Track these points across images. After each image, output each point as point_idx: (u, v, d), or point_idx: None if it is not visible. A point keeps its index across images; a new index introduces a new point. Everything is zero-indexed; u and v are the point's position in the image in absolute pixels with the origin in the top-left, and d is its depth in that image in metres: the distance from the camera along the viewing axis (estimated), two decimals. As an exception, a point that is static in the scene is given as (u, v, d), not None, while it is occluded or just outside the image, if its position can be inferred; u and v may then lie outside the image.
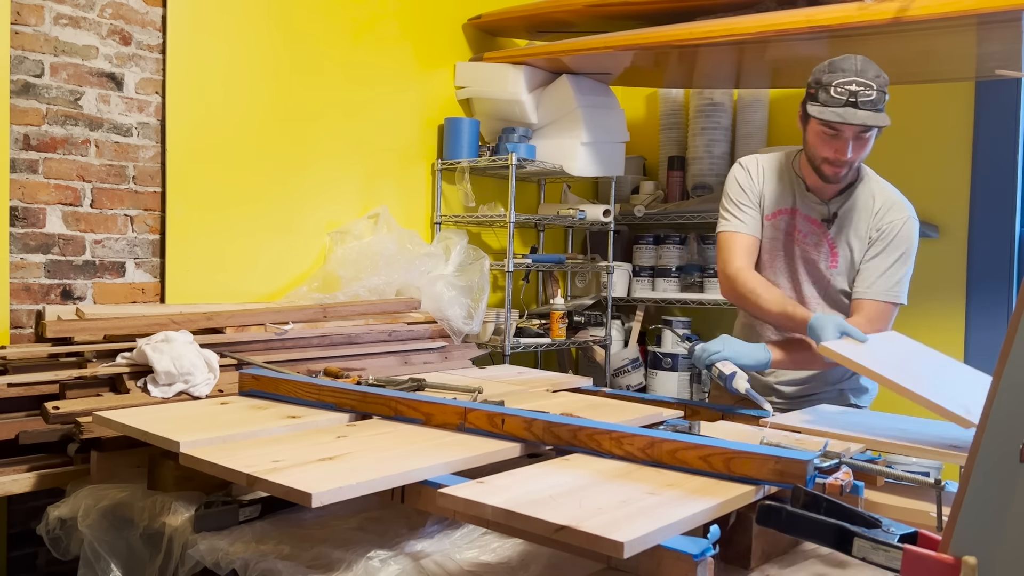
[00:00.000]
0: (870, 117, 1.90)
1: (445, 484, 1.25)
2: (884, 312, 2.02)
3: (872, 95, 1.90)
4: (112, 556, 1.62)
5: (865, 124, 1.91)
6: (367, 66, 3.12)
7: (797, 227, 2.13)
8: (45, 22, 2.34)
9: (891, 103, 3.29)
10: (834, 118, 1.91)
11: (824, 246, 2.10)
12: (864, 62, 1.94)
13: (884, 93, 1.92)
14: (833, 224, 2.09)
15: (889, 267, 2.03)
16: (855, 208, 2.08)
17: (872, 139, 1.99)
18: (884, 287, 2.03)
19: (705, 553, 1.03)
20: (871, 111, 1.91)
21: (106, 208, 2.48)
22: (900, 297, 2.04)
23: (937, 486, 1.29)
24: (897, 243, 2.04)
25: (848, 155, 1.98)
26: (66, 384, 1.93)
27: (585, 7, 3.03)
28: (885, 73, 1.94)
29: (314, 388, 1.84)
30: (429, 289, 2.82)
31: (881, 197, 2.08)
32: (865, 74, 1.91)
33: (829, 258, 2.10)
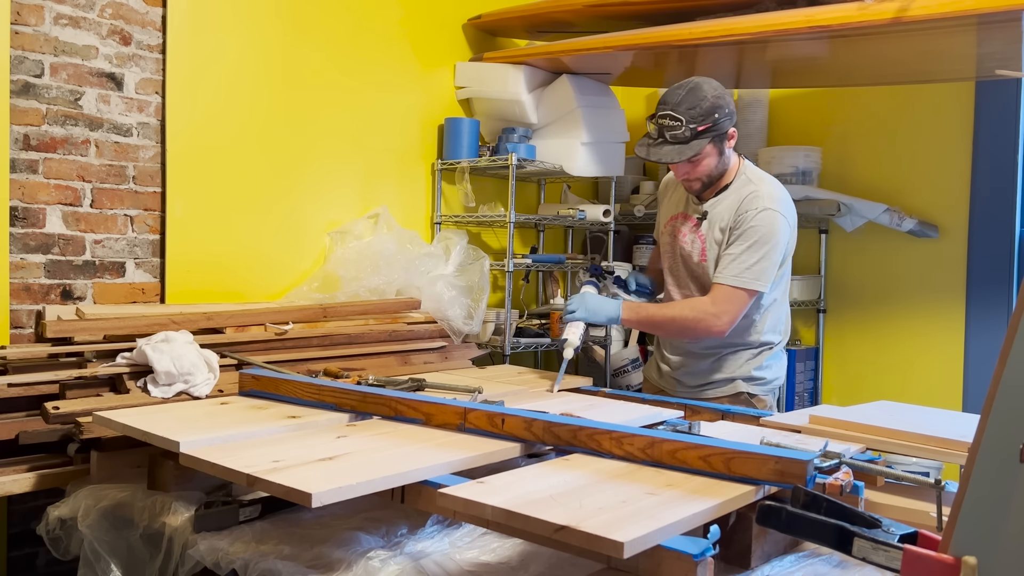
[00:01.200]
0: (669, 153, 2.08)
1: (445, 484, 1.25)
2: (731, 296, 2.11)
3: (679, 131, 2.06)
4: (112, 556, 1.62)
5: (660, 161, 2.11)
6: (367, 66, 3.12)
7: (679, 228, 2.31)
8: (45, 22, 2.34)
9: (891, 103, 3.32)
10: (642, 154, 2.15)
11: (697, 242, 2.24)
12: (689, 92, 2.09)
13: (696, 124, 2.06)
14: (704, 221, 2.22)
15: (740, 254, 2.11)
16: (722, 205, 2.20)
17: (708, 157, 2.12)
18: (733, 272, 2.11)
19: (705, 553, 1.03)
20: (676, 145, 2.08)
21: (106, 208, 2.48)
22: (750, 283, 2.11)
23: (937, 486, 1.29)
24: (749, 232, 2.11)
25: (680, 176, 2.19)
26: (66, 384, 1.93)
27: (585, 7, 3.03)
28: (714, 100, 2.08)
29: (314, 388, 1.84)
30: (429, 289, 2.82)
31: (745, 192, 2.18)
32: (679, 108, 2.07)
33: (700, 253, 2.23)
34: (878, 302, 3.36)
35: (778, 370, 2.32)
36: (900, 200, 3.27)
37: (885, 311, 3.35)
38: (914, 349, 3.27)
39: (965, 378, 3.16)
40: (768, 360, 2.27)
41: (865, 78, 3.22)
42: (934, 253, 3.24)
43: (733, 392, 2.26)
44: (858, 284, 3.42)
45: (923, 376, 3.23)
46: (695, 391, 2.29)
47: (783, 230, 2.14)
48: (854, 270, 3.42)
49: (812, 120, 3.50)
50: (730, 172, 2.21)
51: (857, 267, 3.42)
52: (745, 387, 2.26)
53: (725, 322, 2.11)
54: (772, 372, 2.29)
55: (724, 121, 2.09)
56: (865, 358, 3.39)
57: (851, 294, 3.43)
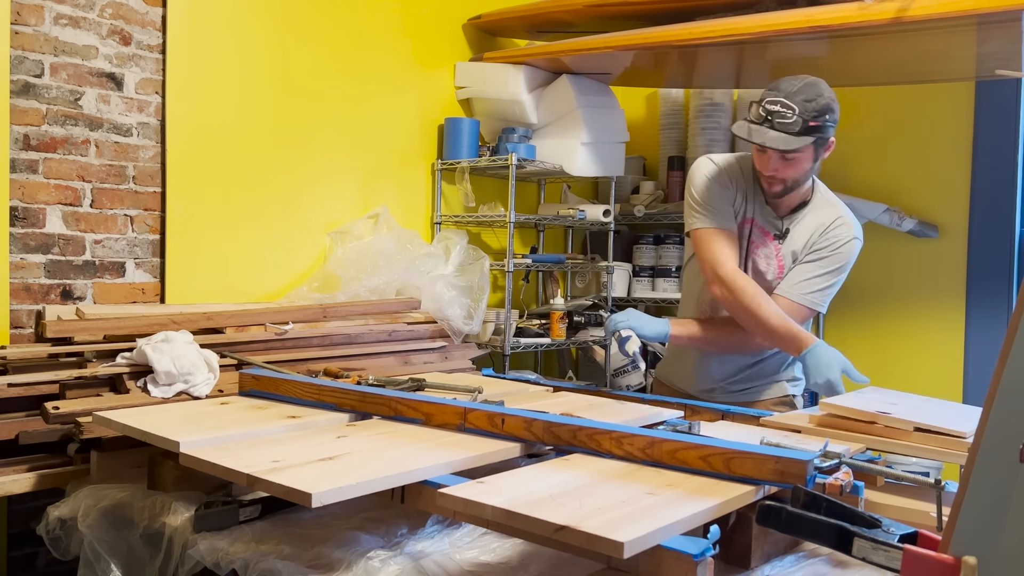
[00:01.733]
0: (775, 139, 1.93)
1: (445, 484, 1.25)
2: (796, 312, 2.08)
3: (790, 119, 1.92)
4: (112, 556, 1.62)
5: (764, 144, 1.94)
6: (367, 66, 3.12)
7: (753, 237, 2.17)
8: (45, 22, 2.34)
9: (891, 103, 3.32)
10: (741, 132, 1.98)
11: (774, 260, 2.16)
12: (807, 86, 1.97)
13: (808, 118, 1.93)
14: (784, 240, 2.14)
15: (817, 274, 2.09)
16: (804, 226, 2.13)
17: (804, 160, 2.00)
18: (804, 290, 2.09)
19: (705, 553, 1.03)
20: (783, 133, 1.93)
21: (106, 208, 2.48)
22: (818, 305, 2.10)
23: (937, 486, 1.29)
24: (834, 257, 2.10)
25: (769, 171, 2.02)
26: (66, 384, 1.93)
27: (585, 7, 3.03)
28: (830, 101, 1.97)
29: (314, 388, 1.84)
30: (429, 289, 2.82)
31: (832, 216, 2.13)
32: (794, 97, 1.94)
33: (777, 271, 2.16)
34: (878, 302, 3.36)
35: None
36: (900, 200, 3.27)
37: (885, 311, 3.35)
38: (914, 349, 3.27)
39: (965, 378, 3.16)
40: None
41: (865, 78, 3.22)
42: (934, 253, 3.24)
43: (781, 394, 2.25)
44: (858, 284, 3.42)
45: (923, 376, 3.23)
46: (739, 395, 2.24)
47: (855, 257, 2.15)
48: (854, 270, 3.40)
49: (812, 120, 3.50)
50: (809, 190, 2.14)
51: (857, 267, 3.39)
52: (790, 388, 2.26)
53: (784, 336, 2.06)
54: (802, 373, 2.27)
55: (831, 127, 2.00)
56: (865, 358, 3.37)
57: (851, 294, 3.42)
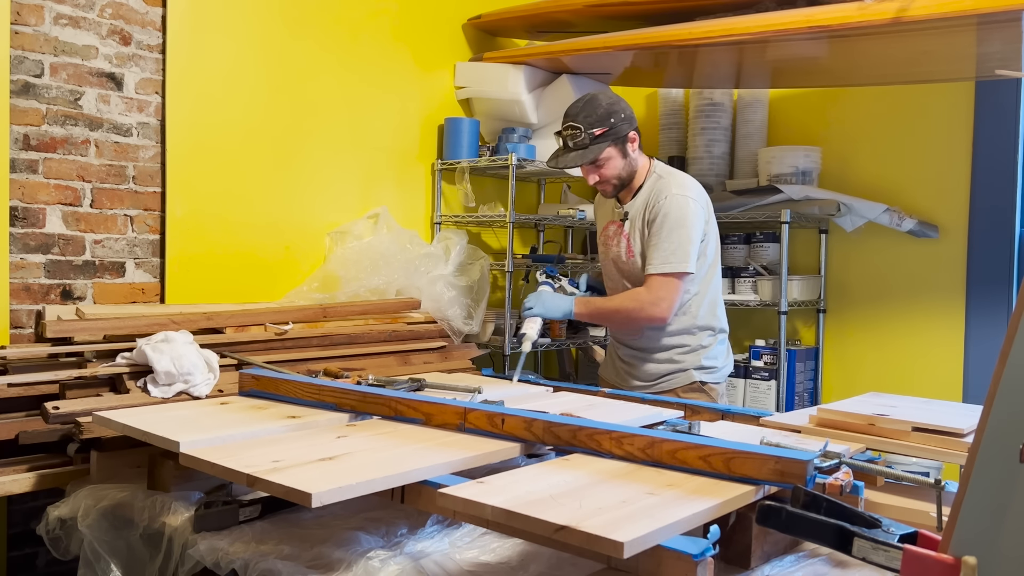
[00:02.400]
0: (573, 159, 2.25)
1: (445, 484, 1.25)
2: (663, 283, 2.25)
3: (580, 137, 2.23)
4: (112, 556, 1.62)
5: (565, 167, 2.28)
6: (367, 66, 3.12)
7: (608, 234, 2.46)
8: (45, 22, 2.34)
9: (891, 103, 3.32)
10: (552, 165, 2.33)
11: (623, 242, 2.38)
12: (586, 104, 2.26)
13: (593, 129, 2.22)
14: (626, 222, 2.37)
15: (660, 242, 2.25)
16: (638, 203, 2.35)
17: (613, 159, 2.27)
18: (659, 260, 2.25)
19: (705, 553, 1.03)
20: (577, 150, 2.24)
21: (106, 208, 2.48)
22: (677, 267, 2.24)
23: (937, 486, 1.29)
24: (663, 220, 2.25)
25: (591, 182, 2.31)
26: (66, 384, 1.93)
27: (585, 7, 3.03)
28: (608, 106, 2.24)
29: (314, 388, 1.84)
30: (429, 289, 2.82)
31: (657, 189, 2.31)
32: (577, 117, 2.24)
33: (627, 251, 2.37)
34: (878, 302, 3.36)
35: (726, 360, 2.44)
36: (900, 200, 3.27)
37: (885, 311, 3.35)
38: (914, 349, 3.27)
39: (965, 378, 3.16)
40: (716, 349, 2.40)
41: (865, 78, 3.22)
42: (934, 253, 3.24)
43: (688, 381, 2.37)
44: (858, 284, 3.42)
45: (923, 376, 3.23)
46: (652, 385, 2.39)
47: (695, 212, 2.26)
48: (854, 270, 3.42)
49: (812, 120, 3.50)
50: (641, 173, 2.35)
51: (857, 267, 3.42)
52: (699, 375, 2.37)
53: (664, 308, 2.25)
54: (721, 361, 2.41)
55: (622, 125, 2.25)
56: (865, 358, 3.39)
57: (851, 294, 3.43)
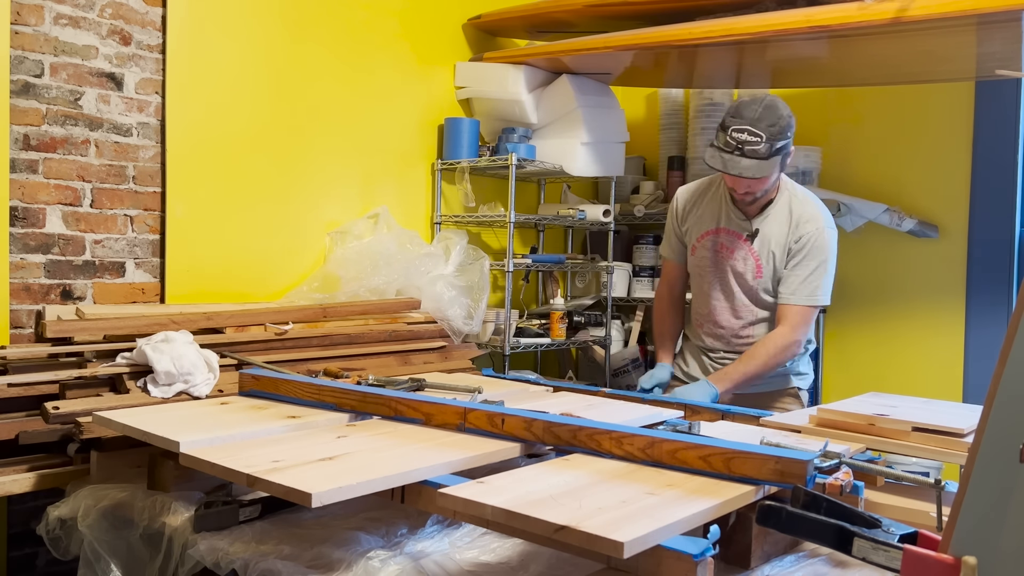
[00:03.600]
0: (750, 168, 2.11)
1: (445, 484, 1.25)
2: (806, 314, 2.28)
3: (759, 147, 2.10)
4: (112, 556, 1.62)
5: (741, 175, 2.12)
6: (367, 66, 3.12)
7: (723, 244, 2.36)
8: (45, 22, 2.34)
9: (891, 103, 3.32)
10: (717, 165, 2.16)
11: (750, 259, 2.32)
12: (767, 108, 2.13)
13: (774, 141, 2.11)
14: (756, 239, 2.30)
15: (809, 275, 2.25)
16: (774, 223, 2.29)
17: (772, 175, 2.18)
18: (806, 293, 2.25)
19: (705, 553, 1.03)
20: (755, 160, 2.11)
21: (106, 208, 2.48)
22: (821, 300, 2.28)
23: (937, 486, 1.29)
24: (814, 252, 2.24)
25: (742, 191, 2.23)
26: (66, 384, 1.93)
27: (585, 7, 3.03)
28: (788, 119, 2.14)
29: (314, 388, 1.84)
30: (429, 289, 2.82)
31: (798, 211, 2.27)
32: (759, 123, 2.10)
33: (755, 270, 2.32)
34: (878, 302, 3.36)
35: (810, 367, 2.49)
36: (900, 200, 3.27)
37: (885, 311, 3.35)
38: (914, 349, 3.27)
39: (965, 378, 3.16)
40: (807, 357, 2.45)
41: (865, 78, 3.22)
42: (934, 253, 3.24)
43: (787, 386, 2.40)
44: (858, 284, 3.42)
45: (923, 376, 3.23)
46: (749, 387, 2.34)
47: (835, 244, 2.30)
48: (854, 270, 3.42)
49: (812, 120, 3.50)
50: (773, 187, 2.28)
51: (857, 267, 3.41)
52: (796, 381, 2.41)
53: (801, 339, 2.29)
54: (808, 367, 2.47)
55: (790, 141, 2.17)
56: (865, 358, 3.39)
57: (851, 294, 3.43)
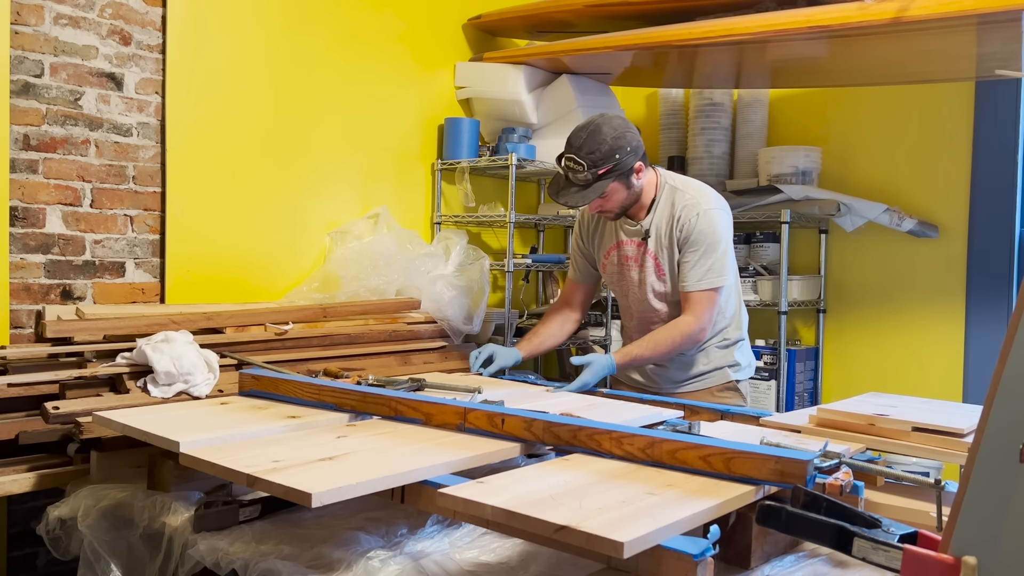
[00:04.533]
0: (575, 196, 2.16)
1: (445, 484, 1.25)
2: (702, 299, 2.25)
3: (581, 173, 2.12)
4: (112, 556, 1.62)
5: (567, 205, 2.18)
6: (367, 66, 3.12)
7: (625, 255, 2.36)
8: (45, 22, 2.34)
9: (891, 103, 3.32)
10: (552, 194, 2.22)
11: (649, 261, 2.31)
12: (590, 135, 2.13)
13: (596, 167, 2.12)
14: (649, 239, 2.30)
15: (698, 260, 2.23)
16: (661, 219, 2.28)
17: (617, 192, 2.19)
18: (697, 277, 2.23)
19: (705, 553, 1.03)
20: (580, 188, 2.15)
21: (106, 208, 2.48)
22: (715, 282, 2.24)
23: (937, 486, 1.29)
24: (697, 238, 2.22)
25: (594, 211, 2.28)
26: (66, 384, 1.93)
27: (585, 7, 3.03)
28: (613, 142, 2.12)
29: (314, 388, 1.83)
30: (429, 289, 2.81)
31: (679, 202, 2.26)
32: (580, 152, 2.12)
33: (656, 270, 2.31)
34: (878, 302, 3.36)
35: (750, 359, 2.44)
36: (900, 200, 3.26)
37: (885, 311, 3.35)
38: (914, 349, 3.27)
39: (965, 378, 3.16)
40: (742, 347, 2.41)
41: (865, 78, 3.22)
42: (934, 253, 3.24)
43: (724, 380, 2.36)
44: (858, 284, 3.42)
45: (923, 376, 3.23)
46: (683, 384, 2.37)
47: (725, 222, 2.27)
48: (854, 270, 3.42)
49: (812, 120, 3.50)
50: (650, 188, 2.29)
51: (857, 267, 3.41)
52: (733, 374, 2.37)
53: (706, 325, 2.27)
54: (746, 359, 2.42)
55: (627, 158, 2.16)
56: (865, 358, 3.39)
57: (851, 294, 3.43)
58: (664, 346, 2.26)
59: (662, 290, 2.32)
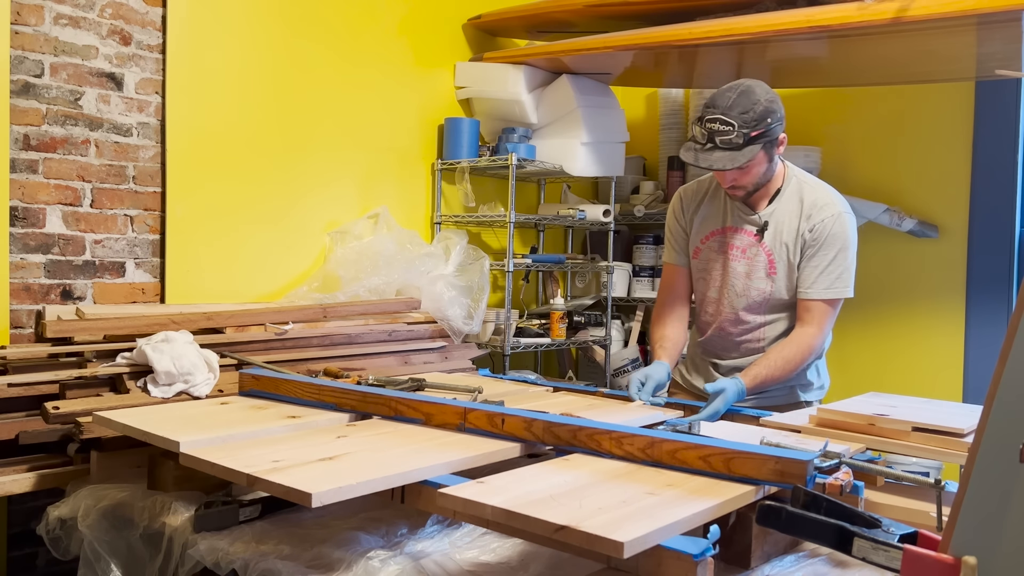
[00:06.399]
0: (721, 159, 1.96)
1: (445, 484, 1.25)
2: (826, 309, 2.12)
3: (731, 135, 1.95)
4: (112, 556, 1.62)
5: (711, 167, 1.98)
6: (367, 66, 3.12)
7: (731, 243, 2.18)
8: (45, 22, 2.34)
9: (891, 103, 3.32)
10: (687, 158, 2.02)
11: (761, 256, 2.15)
12: (741, 96, 1.97)
13: (749, 129, 1.95)
14: (766, 233, 2.14)
15: (827, 265, 2.10)
16: (784, 213, 2.13)
17: (758, 165, 2.03)
18: (825, 285, 2.10)
19: (705, 553, 1.03)
20: (727, 151, 1.96)
21: (106, 208, 2.48)
22: (843, 292, 2.13)
23: (937, 486, 1.29)
24: (831, 241, 2.09)
25: (727, 184, 2.08)
26: (66, 384, 1.93)
27: (585, 7, 3.03)
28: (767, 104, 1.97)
29: (314, 388, 1.84)
30: (429, 289, 2.82)
31: (810, 198, 2.12)
32: (730, 112, 1.96)
33: (767, 266, 2.14)
34: (878, 302, 3.36)
35: (824, 379, 2.29)
36: (900, 200, 3.27)
37: (885, 311, 3.35)
38: (914, 349, 3.27)
39: (965, 378, 3.16)
40: (818, 365, 2.25)
41: (865, 78, 3.22)
42: (934, 253, 3.24)
43: (791, 399, 2.21)
44: (858, 284, 3.39)
45: (923, 376, 3.23)
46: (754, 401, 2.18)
47: (854, 231, 2.14)
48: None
49: (812, 120, 3.50)
50: (778, 177, 2.13)
51: (857, 267, 3.41)
52: (801, 394, 2.22)
53: (826, 337, 2.15)
54: (820, 379, 2.27)
55: (776, 126, 2.01)
56: (865, 358, 3.38)
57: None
58: (793, 363, 2.08)
59: (766, 291, 2.14)
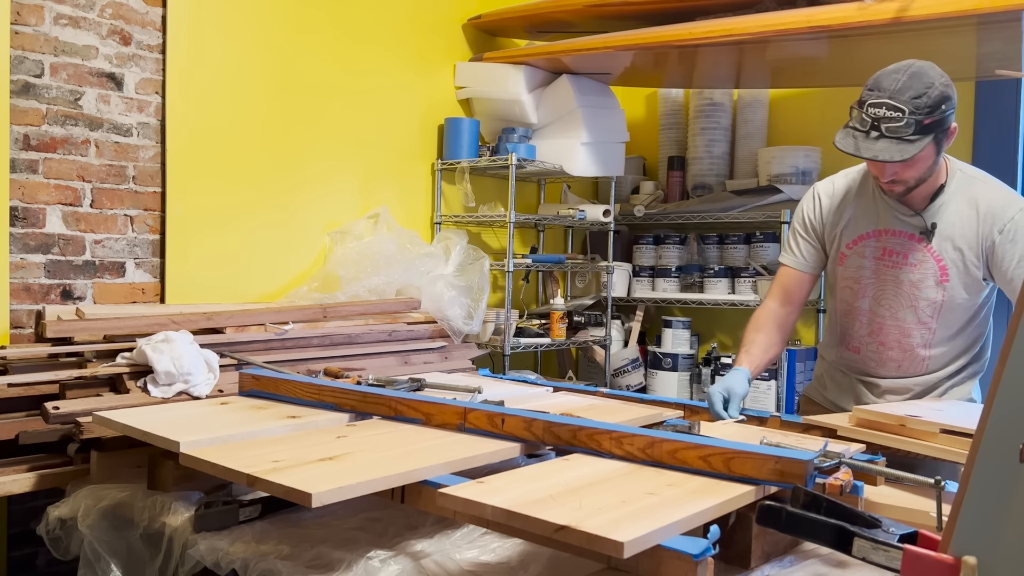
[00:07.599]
0: (888, 150, 1.71)
1: (445, 484, 1.25)
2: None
3: (900, 122, 1.70)
4: (112, 556, 1.62)
5: (876, 159, 1.74)
6: (367, 66, 3.12)
7: (889, 248, 1.93)
8: (45, 22, 2.34)
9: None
10: (847, 148, 1.78)
11: (929, 262, 1.89)
12: (913, 78, 1.74)
13: (922, 116, 1.71)
14: (933, 235, 1.88)
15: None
16: (954, 214, 1.88)
17: (926, 158, 1.78)
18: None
19: (705, 553, 1.03)
20: (895, 140, 1.72)
21: (106, 208, 2.48)
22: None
23: (937, 486, 1.29)
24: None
25: (887, 177, 1.83)
26: (66, 384, 1.93)
27: (585, 7, 3.03)
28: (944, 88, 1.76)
29: (314, 388, 1.83)
30: (429, 289, 2.82)
31: (986, 196, 1.87)
32: (900, 96, 1.72)
33: (938, 274, 1.89)
34: (878, 302, 3.36)
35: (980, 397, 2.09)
36: (900, 200, 3.26)
37: (885, 311, 3.34)
38: (914, 349, 3.26)
39: (965, 378, 3.15)
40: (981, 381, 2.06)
41: (865, 78, 3.21)
42: (934, 253, 3.24)
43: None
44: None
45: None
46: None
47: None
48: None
49: (812, 120, 3.50)
50: (941, 171, 1.87)
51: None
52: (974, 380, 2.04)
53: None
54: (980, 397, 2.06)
55: (951, 114, 1.76)
56: (865, 358, 3.38)
57: (851, 294, 3.42)
58: None
59: (937, 300, 1.90)
